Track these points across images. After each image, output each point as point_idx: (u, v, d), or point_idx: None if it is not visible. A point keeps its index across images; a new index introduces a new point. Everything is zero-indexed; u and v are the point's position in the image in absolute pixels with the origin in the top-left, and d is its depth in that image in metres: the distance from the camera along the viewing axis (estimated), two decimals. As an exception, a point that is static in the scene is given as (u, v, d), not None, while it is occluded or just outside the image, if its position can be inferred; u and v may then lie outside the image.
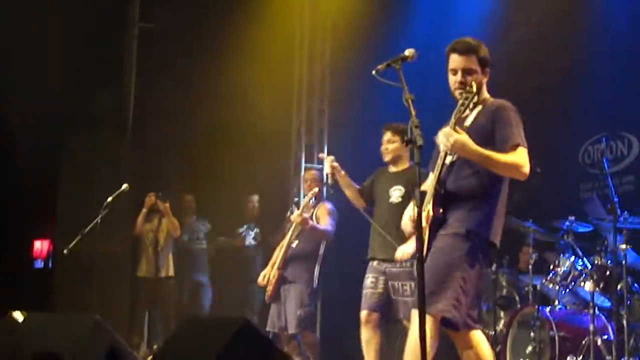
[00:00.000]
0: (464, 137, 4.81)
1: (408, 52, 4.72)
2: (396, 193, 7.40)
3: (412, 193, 6.95)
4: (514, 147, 4.94)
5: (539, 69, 9.83)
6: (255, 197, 11.41)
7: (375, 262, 7.38)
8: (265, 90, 11.52)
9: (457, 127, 4.87)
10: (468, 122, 5.00)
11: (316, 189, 8.37)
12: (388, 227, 7.26)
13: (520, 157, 4.93)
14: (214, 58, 11.22)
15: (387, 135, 7.56)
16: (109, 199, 8.30)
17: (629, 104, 9.37)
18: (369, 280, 7.34)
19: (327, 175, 7.66)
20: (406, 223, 5.34)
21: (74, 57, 10.19)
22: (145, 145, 11.04)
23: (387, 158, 7.57)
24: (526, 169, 4.93)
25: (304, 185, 8.84)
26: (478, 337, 5.05)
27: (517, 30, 10.14)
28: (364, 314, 7.29)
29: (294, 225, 8.28)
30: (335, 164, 7.48)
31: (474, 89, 4.93)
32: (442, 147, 4.93)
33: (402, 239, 6.89)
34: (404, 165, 7.53)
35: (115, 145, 10.79)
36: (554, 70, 9.82)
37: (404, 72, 4.63)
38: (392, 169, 7.59)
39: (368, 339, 7.24)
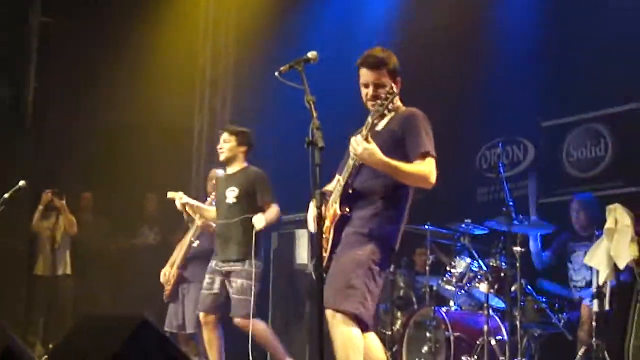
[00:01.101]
0: (373, 147, 4.81)
1: (311, 54, 4.74)
2: (231, 194, 7.52)
3: (248, 193, 7.47)
4: (423, 156, 4.99)
5: (438, 73, 9.96)
6: (154, 196, 11.33)
7: (213, 263, 7.50)
8: (168, 87, 11.44)
9: (369, 137, 4.86)
10: (379, 127, 5.01)
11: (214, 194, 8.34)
12: (228, 228, 7.45)
13: (427, 167, 4.97)
14: (116, 53, 11.09)
15: (224, 136, 7.70)
16: (5, 195, 8.14)
17: (525, 110, 9.58)
18: (205, 281, 7.51)
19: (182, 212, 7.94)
20: (310, 223, 5.32)
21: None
22: (44, 141, 10.85)
23: (222, 158, 7.70)
24: (433, 178, 4.98)
25: (208, 183, 8.78)
26: (372, 340, 5.11)
27: (419, 34, 10.25)
28: (201, 316, 7.50)
29: (194, 225, 8.25)
30: (185, 199, 7.74)
31: (394, 92, 4.91)
32: (351, 153, 4.95)
33: (240, 239, 7.32)
34: (240, 165, 7.68)
35: (13, 139, 10.58)
36: (453, 74, 9.96)
37: (307, 73, 4.66)
38: (228, 170, 7.76)
39: (208, 340, 7.48)
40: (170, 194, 7.81)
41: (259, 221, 7.28)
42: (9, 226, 7.30)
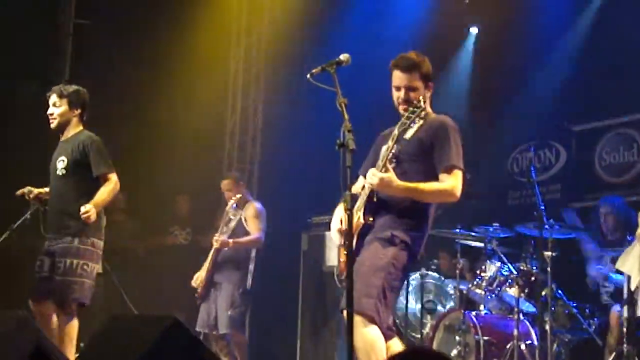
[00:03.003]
0: (390, 177, 4.84)
1: (343, 56, 4.75)
2: (60, 165, 6.75)
3: (79, 163, 6.61)
4: (449, 169, 5.00)
5: (471, 76, 9.94)
6: (186, 197, 11.38)
7: (45, 242, 6.74)
8: (200, 90, 11.47)
9: (387, 165, 4.88)
10: (408, 135, 4.96)
11: (238, 196, 8.37)
12: (58, 202, 6.75)
13: (451, 182, 4.98)
14: (149, 55, 11.14)
15: (52, 99, 6.85)
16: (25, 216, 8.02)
17: (558, 114, 9.55)
18: (36, 263, 6.71)
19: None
20: (335, 233, 5.28)
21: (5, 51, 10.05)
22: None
23: (53, 126, 6.87)
24: (457, 192, 4.98)
25: (225, 195, 8.77)
26: (395, 347, 5.09)
27: (452, 37, 10.24)
28: (30, 304, 6.63)
29: (223, 227, 8.29)
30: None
31: (422, 105, 4.88)
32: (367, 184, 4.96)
33: (70, 212, 6.52)
34: (74, 130, 6.87)
35: (46, 141, 10.64)
36: (486, 77, 9.95)
37: (341, 75, 4.67)
38: (62, 138, 6.92)
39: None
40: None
41: (88, 213, 6.48)
42: (38, 227, 7.29)
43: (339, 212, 5.13)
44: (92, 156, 6.66)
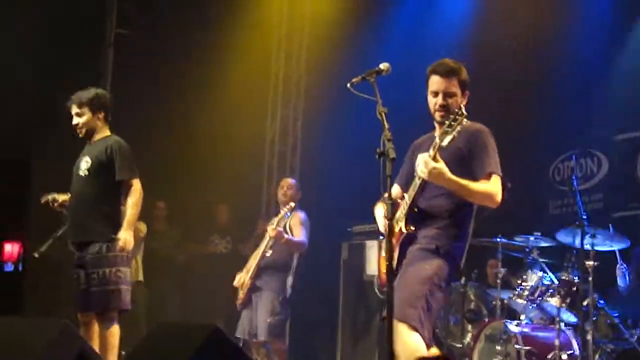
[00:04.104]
0: (442, 167, 4.81)
1: (383, 65, 4.77)
2: (83, 165, 6.73)
3: (103, 165, 6.56)
4: (489, 176, 4.99)
5: (513, 84, 9.90)
6: (226, 207, 11.46)
7: (75, 252, 6.68)
8: (241, 98, 11.53)
9: (437, 156, 4.84)
10: (445, 143, 4.85)
11: (292, 204, 8.36)
12: (79, 205, 6.72)
13: (493, 187, 4.97)
14: (190, 63, 11.22)
15: (74, 110, 6.82)
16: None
17: (600, 123, 9.49)
18: (73, 277, 6.66)
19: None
20: (379, 221, 5.24)
21: (49, 59, 10.15)
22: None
23: (81, 134, 6.85)
24: (498, 197, 4.97)
25: (279, 192, 8.80)
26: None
27: (492, 42, 10.19)
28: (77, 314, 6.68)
29: (267, 235, 8.30)
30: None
31: (464, 112, 4.79)
32: (418, 172, 4.92)
33: (92, 215, 6.53)
34: (101, 134, 6.85)
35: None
36: (528, 85, 9.91)
37: (378, 84, 4.68)
38: (90, 142, 6.89)
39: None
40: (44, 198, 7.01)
41: (125, 241, 6.53)
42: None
43: (381, 209, 5.08)
44: (118, 160, 6.64)
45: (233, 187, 11.51)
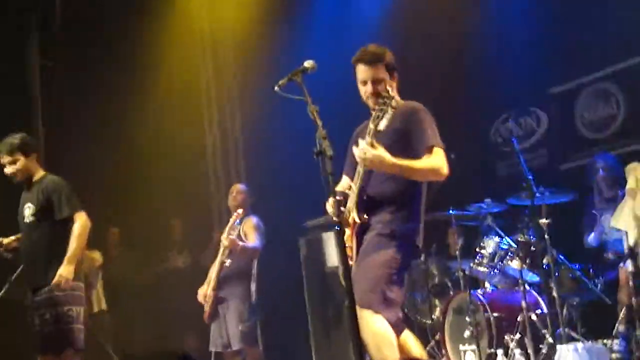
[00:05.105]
0: (380, 153, 4.80)
1: (307, 63, 4.71)
2: (27, 212, 6.81)
3: (43, 209, 6.64)
4: (430, 149, 4.99)
5: (442, 51, 9.91)
6: (178, 221, 11.41)
7: (30, 295, 6.80)
8: (175, 110, 11.46)
9: (374, 143, 4.84)
10: (382, 126, 4.89)
11: (240, 211, 8.33)
12: (31, 251, 6.80)
13: (436, 160, 4.97)
14: (119, 84, 11.08)
15: (5, 159, 6.85)
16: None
17: (533, 79, 9.54)
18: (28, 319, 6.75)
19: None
20: (329, 208, 5.05)
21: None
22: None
23: (18, 179, 6.89)
24: (444, 170, 4.97)
25: (230, 198, 8.78)
26: (408, 339, 5.12)
27: (419, 7, 10.15)
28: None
29: (222, 245, 8.27)
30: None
31: (391, 96, 4.84)
32: (359, 161, 4.92)
33: (45, 259, 6.60)
34: (37, 176, 6.93)
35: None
36: (457, 50, 9.93)
37: (306, 83, 4.64)
38: (26, 186, 6.96)
39: None
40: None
41: (60, 276, 6.55)
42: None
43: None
44: (55, 199, 6.68)
45: (183, 200, 11.46)
